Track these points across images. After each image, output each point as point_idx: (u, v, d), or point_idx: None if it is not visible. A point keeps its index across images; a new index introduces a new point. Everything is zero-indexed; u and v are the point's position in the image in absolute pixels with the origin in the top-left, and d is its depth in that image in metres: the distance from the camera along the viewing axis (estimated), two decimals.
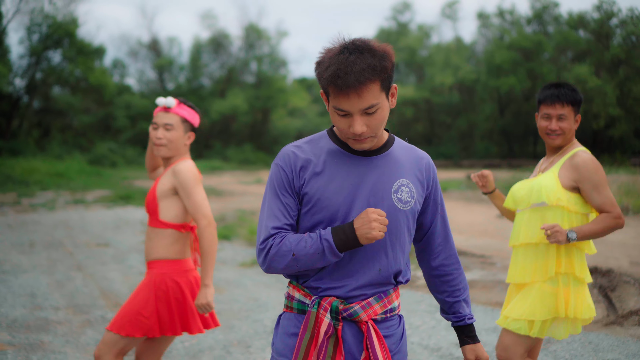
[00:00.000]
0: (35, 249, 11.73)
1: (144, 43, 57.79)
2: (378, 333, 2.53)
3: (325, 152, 2.56)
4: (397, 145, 2.66)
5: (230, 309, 7.66)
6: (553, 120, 3.94)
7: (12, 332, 6.65)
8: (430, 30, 58.61)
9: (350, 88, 2.35)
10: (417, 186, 2.60)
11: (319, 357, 2.48)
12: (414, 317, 7.21)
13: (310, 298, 2.55)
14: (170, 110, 4.00)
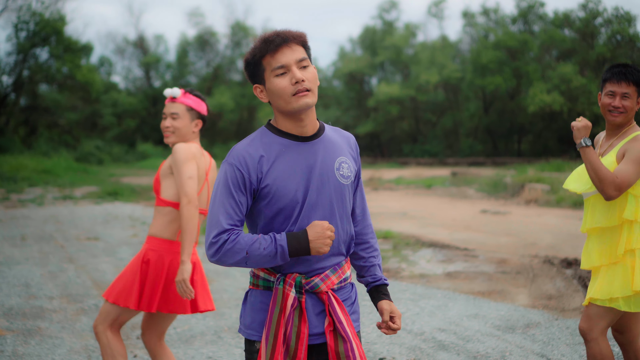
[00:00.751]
0: (27, 242, 11.91)
1: (130, 41, 57.93)
2: (338, 300, 2.81)
3: (272, 145, 2.78)
4: (328, 129, 2.92)
5: (220, 298, 7.88)
6: (617, 98, 4.01)
7: (9, 319, 6.86)
8: (416, 29, 58.87)
9: (282, 44, 2.71)
10: (351, 161, 2.89)
11: (286, 328, 2.73)
12: (399, 305, 7.46)
13: (275, 276, 2.78)
14: (176, 100, 4.23)
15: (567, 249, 11.04)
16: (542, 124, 50.58)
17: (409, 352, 5.80)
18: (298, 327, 2.74)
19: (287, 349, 2.74)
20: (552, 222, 14.74)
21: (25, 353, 5.76)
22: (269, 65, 2.73)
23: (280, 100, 2.74)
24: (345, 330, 2.77)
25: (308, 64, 2.76)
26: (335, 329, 2.78)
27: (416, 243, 11.74)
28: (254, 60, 2.77)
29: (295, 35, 2.75)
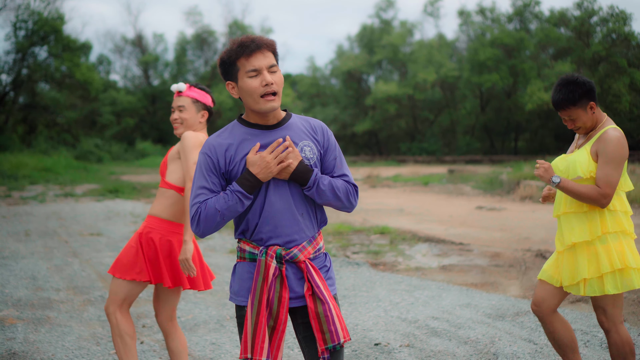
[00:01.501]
0: (31, 237, 12.17)
1: (129, 39, 58.14)
2: (315, 267, 3.22)
3: (239, 135, 3.22)
4: (294, 118, 3.33)
5: (222, 290, 8.15)
6: (569, 122, 4.33)
7: (18, 309, 7.13)
8: (413, 28, 59.09)
9: (256, 49, 3.12)
10: (315, 145, 3.26)
11: (269, 294, 3.13)
12: (394, 295, 7.74)
13: (258, 249, 3.19)
14: (182, 94, 4.52)
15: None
16: (538, 122, 50.87)
17: (403, 338, 6.08)
18: (280, 293, 3.14)
19: (270, 311, 3.14)
20: (546, 218, 15.00)
21: (37, 340, 6.03)
22: (243, 66, 3.14)
23: (250, 99, 3.16)
24: (322, 294, 3.17)
25: (277, 69, 3.18)
26: (314, 292, 3.17)
27: (412, 238, 12.01)
28: (230, 61, 3.17)
29: (267, 43, 3.16)
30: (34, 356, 5.58)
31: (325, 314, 3.16)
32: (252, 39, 3.14)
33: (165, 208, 4.43)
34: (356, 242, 11.72)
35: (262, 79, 3.11)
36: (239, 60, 3.14)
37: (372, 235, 12.53)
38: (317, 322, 3.16)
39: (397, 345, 5.86)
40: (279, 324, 3.15)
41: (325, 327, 3.15)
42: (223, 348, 5.86)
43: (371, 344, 5.93)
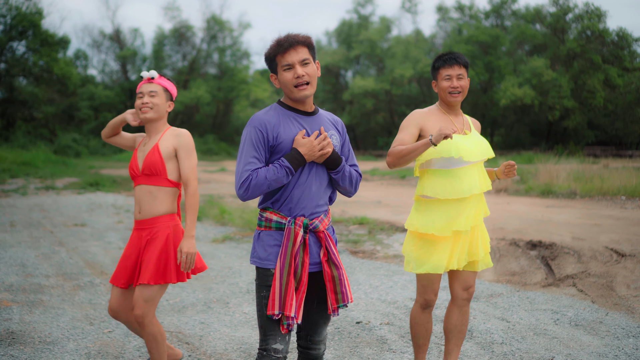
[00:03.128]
0: (17, 228, 12.36)
1: (107, 34, 57.98)
2: (330, 237, 3.75)
3: (284, 115, 3.70)
4: (322, 111, 3.87)
5: (207, 275, 8.43)
6: (454, 80, 4.52)
7: (11, 293, 7.38)
8: (391, 24, 59.48)
9: (289, 47, 3.61)
10: (338, 135, 3.82)
11: (295, 258, 3.59)
12: (374, 280, 8.07)
13: (286, 219, 3.65)
14: (153, 80, 4.66)
15: (533, 232, 11.66)
16: (513, 117, 51.47)
17: (382, 317, 6.41)
18: (302, 258, 3.62)
19: (295, 274, 3.60)
20: (520, 209, 15.38)
21: (32, 321, 6.29)
22: (280, 62, 3.65)
23: (286, 89, 3.68)
24: (337, 260, 3.73)
25: (310, 62, 3.65)
26: (329, 259, 3.71)
27: (390, 228, 12.32)
28: (270, 57, 3.68)
29: (300, 40, 3.64)
30: (32, 335, 5.84)
31: (340, 277, 3.71)
32: (287, 37, 3.64)
33: (170, 204, 4.58)
34: (336, 232, 11.99)
35: (294, 72, 3.61)
36: (276, 57, 3.64)
37: (351, 225, 12.83)
38: (333, 284, 3.70)
39: (377, 323, 6.19)
40: (301, 285, 3.61)
41: (338, 289, 3.70)
42: (212, 327, 6.14)
43: (353, 322, 6.25)
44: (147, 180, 4.57)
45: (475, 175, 4.52)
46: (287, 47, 3.61)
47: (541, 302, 7.02)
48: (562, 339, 5.75)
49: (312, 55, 3.69)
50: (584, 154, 37.24)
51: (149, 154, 4.55)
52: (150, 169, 4.54)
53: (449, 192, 4.43)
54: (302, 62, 3.62)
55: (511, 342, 5.63)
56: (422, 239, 4.47)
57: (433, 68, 4.63)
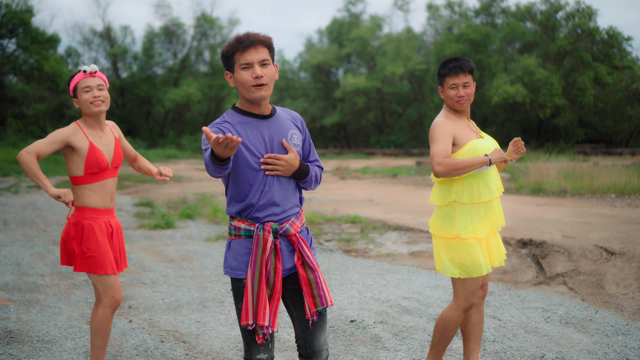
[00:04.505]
0: (10, 227, 12.40)
1: (97, 32, 57.88)
2: (303, 240, 3.62)
3: (238, 123, 3.55)
4: (279, 110, 3.72)
5: (202, 274, 8.50)
6: (460, 89, 4.57)
7: (7, 292, 7.43)
8: (382, 21, 59.52)
9: (250, 45, 3.48)
10: (299, 133, 3.70)
11: (267, 265, 3.49)
12: (367, 278, 8.15)
13: (254, 226, 3.53)
14: (96, 74, 4.67)
15: (524, 231, 11.77)
16: (505, 115, 51.60)
17: (376, 315, 6.49)
18: (275, 264, 3.51)
19: (267, 282, 3.51)
20: (511, 208, 15.49)
21: (29, 320, 6.35)
22: (238, 60, 3.51)
23: (243, 89, 3.54)
24: (312, 263, 3.60)
25: (269, 63, 3.53)
26: (304, 262, 3.59)
27: (382, 226, 12.41)
28: (228, 54, 3.54)
29: (261, 39, 3.51)
30: (30, 334, 5.91)
31: (316, 280, 3.58)
32: (247, 35, 3.50)
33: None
34: (328, 231, 12.09)
35: (253, 72, 3.47)
36: (235, 54, 3.51)
37: (344, 224, 12.91)
38: (309, 287, 3.57)
39: (371, 322, 6.28)
40: (275, 292, 3.51)
41: (316, 292, 3.57)
42: (208, 325, 6.22)
43: (347, 320, 6.33)
44: (115, 172, 4.75)
45: (495, 176, 4.64)
46: (247, 46, 3.48)
47: (532, 300, 7.12)
48: (553, 336, 5.84)
49: (271, 56, 3.58)
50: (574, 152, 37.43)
51: (116, 147, 4.72)
52: (120, 162, 4.77)
53: (483, 194, 4.52)
54: (262, 63, 3.50)
55: (503, 340, 5.72)
56: (462, 244, 4.48)
57: (439, 75, 4.66)
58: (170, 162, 38.58)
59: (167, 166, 4.88)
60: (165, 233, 11.93)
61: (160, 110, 55.92)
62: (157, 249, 10.40)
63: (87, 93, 4.58)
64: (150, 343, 5.66)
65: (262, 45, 3.52)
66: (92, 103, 4.57)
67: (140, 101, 56.37)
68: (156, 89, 55.17)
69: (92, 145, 4.57)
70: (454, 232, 4.48)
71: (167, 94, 52.75)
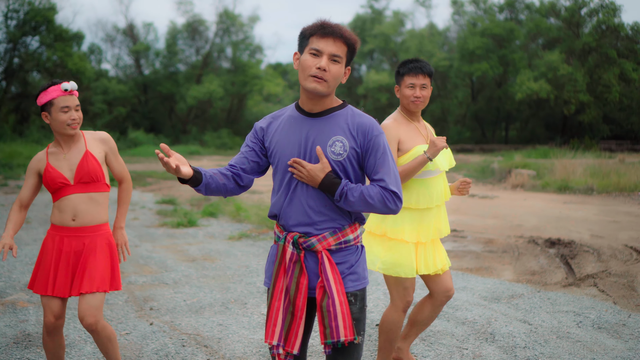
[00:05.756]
0: (32, 225, 12.35)
1: (120, 29, 58.04)
2: (330, 260, 3.17)
3: (287, 116, 3.29)
4: (345, 111, 3.26)
5: (224, 275, 8.37)
6: (417, 89, 4.52)
7: (27, 293, 7.33)
8: (405, 17, 59.27)
9: (331, 34, 3.11)
10: (348, 142, 3.17)
11: (287, 279, 3.18)
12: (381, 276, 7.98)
13: (283, 233, 3.25)
14: (74, 92, 4.38)
15: (551, 230, 11.57)
16: (529, 112, 51.22)
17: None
18: (297, 279, 3.17)
19: (288, 297, 3.18)
20: (538, 206, 15.27)
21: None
22: (311, 43, 3.14)
23: (301, 74, 3.17)
24: (330, 287, 3.13)
25: (340, 62, 3.14)
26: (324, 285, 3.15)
27: None
28: (305, 34, 3.18)
29: (345, 35, 3.14)
30: None
31: (328, 308, 3.12)
32: (335, 25, 3.15)
33: (106, 210, 4.51)
34: None
35: (319, 61, 3.10)
36: (312, 36, 3.15)
37: None
38: (321, 315, 3.14)
39: None
40: (296, 311, 3.16)
41: (326, 322, 3.13)
42: (230, 329, 6.08)
43: (372, 324, 6.17)
44: (84, 188, 4.35)
45: (441, 184, 4.59)
46: (328, 34, 3.11)
47: (563, 303, 6.93)
48: (586, 342, 5.65)
49: (347, 57, 3.19)
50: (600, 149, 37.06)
51: (82, 162, 4.34)
52: (90, 176, 4.35)
53: (422, 201, 4.49)
54: (332, 57, 3.11)
55: (534, 346, 5.54)
56: (390, 242, 4.48)
57: (398, 73, 4.63)
58: (193, 158, 38.56)
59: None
60: (187, 231, 11.82)
61: (183, 107, 55.92)
62: (179, 247, 10.29)
63: (64, 113, 4.28)
64: (171, 347, 5.53)
65: (342, 41, 3.14)
66: (69, 125, 4.29)
67: (163, 98, 56.44)
68: (179, 85, 55.20)
69: (47, 164, 4.34)
70: (382, 230, 4.49)
71: (190, 90, 52.76)
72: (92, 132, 4.49)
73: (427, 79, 4.56)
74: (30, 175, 4.41)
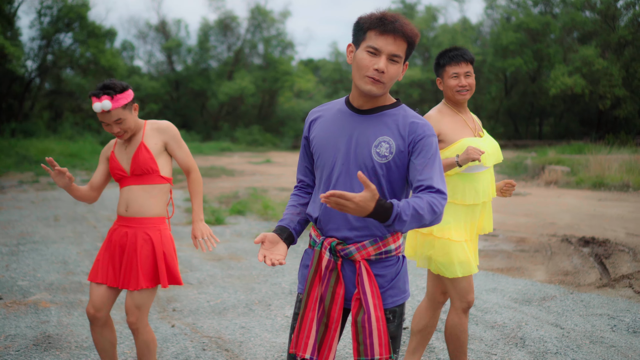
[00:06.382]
0: (60, 222, 12.32)
1: (152, 25, 58.29)
2: (369, 271, 2.93)
3: (335, 111, 3.07)
4: (399, 110, 3.00)
5: (249, 274, 8.24)
6: (461, 78, 4.31)
7: (51, 292, 7.26)
8: (437, 12, 58.87)
9: (392, 32, 2.82)
10: (396, 144, 2.90)
11: (322, 287, 2.97)
12: (421, 280, 7.80)
13: (320, 238, 3.01)
14: (111, 110, 4.24)
15: (585, 228, 11.31)
16: (563, 107, 50.58)
17: None
18: (334, 288, 2.94)
19: (323, 307, 2.96)
20: (571, 203, 14.98)
21: (70, 323, 6.15)
22: (369, 39, 2.85)
23: (356, 72, 2.91)
24: (367, 301, 2.90)
25: (399, 61, 2.87)
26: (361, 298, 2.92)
27: None
28: (362, 27, 2.89)
29: (407, 33, 2.85)
30: (68, 339, 5.70)
31: (363, 324, 2.91)
32: (396, 19, 2.85)
33: (164, 204, 4.40)
34: None
35: (376, 62, 2.84)
36: (370, 30, 2.86)
37: None
38: (355, 330, 2.94)
39: None
40: (331, 322, 2.97)
41: (360, 338, 2.92)
42: (252, 332, 5.94)
43: None
44: (138, 180, 4.33)
45: (488, 180, 4.37)
46: (388, 31, 2.81)
47: (596, 305, 6.71)
48: (620, 347, 5.44)
49: (406, 54, 2.92)
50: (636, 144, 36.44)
51: (135, 153, 4.32)
52: (142, 169, 4.31)
53: (468, 196, 4.28)
54: (392, 57, 2.84)
55: (566, 352, 5.33)
56: (439, 241, 4.27)
57: (437, 65, 4.40)
58: (224, 154, 38.58)
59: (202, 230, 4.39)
60: (215, 229, 11.71)
61: (215, 104, 56.00)
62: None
63: (107, 126, 4.28)
64: (191, 351, 5.40)
65: (402, 39, 2.85)
66: (116, 135, 4.31)
67: (194, 94, 56.56)
68: (210, 82, 55.29)
69: (112, 153, 4.40)
70: (427, 228, 4.26)
71: (221, 87, 52.81)
72: (153, 122, 4.42)
73: (470, 66, 4.36)
74: (101, 161, 4.51)
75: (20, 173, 23.34)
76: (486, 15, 57.35)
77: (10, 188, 18.59)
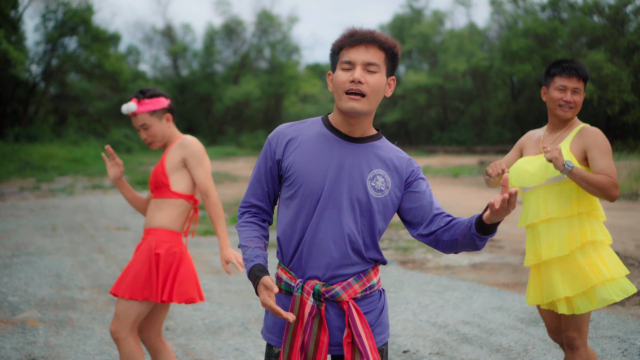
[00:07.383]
0: (58, 232, 12.11)
1: (158, 29, 58.21)
2: (359, 311, 2.71)
3: (315, 133, 2.78)
4: (382, 142, 2.85)
5: (247, 289, 8.00)
6: (568, 93, 4.01)
7: (41, 309, 7.03)
8: (444, 17, 58.64)
9: (361, 42, 2.68)
10: (391, 179, 2.76)
11: (304, 336, 2.68)
12: (423, 297, 7.54)
13: (295, 281, 2.72)
14: (137, 112, 4.21)
15: None
16: None
17: (432, 345, 5.87)
18: (317, 336, 2.69)
19: (305, 357, 2.71)
20: None
21: (57, 344, 5.91)
22: (342, 56, 2.71)
23: (335, 93, 2.73)
24: (363, 344, 2.69)
25: (377, 70, 2.70)
26: (354, 341, 2.70)
27: None
28: (334, 49, 2.76)
29: (378, 39, 2.70)
30: None
31: None
32: (364, 31, 2.70)
33: (175, 219, 4.22)
34: (384, 238, 11.53)
35: (351, 74, 2.66)
36: (342, 49, 2.72)
37: (401, 230, 12.33)
38: None
39: (426, 353, 5.66)
40: None
41: None
42: (247, 354, 5.70)
43: (399, 351, 5.73)
44: (155, 193, 4.28)
45: (541, 199, 3.98)
46: (357, 42, 2.66)
47: (606, 325, 6.43)
48: None
49: (387, 65, 2.73)
50: None
51: (155, 166, 4.26)
52: (155, 182, 4.24)
53: (522, 217, 4.10)
54: (367, 66, 2.66)
55: None
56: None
57: (547, 74, 4.12)
58: (229, 159, 38.35)
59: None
60: (214, 240, 11.47)
61: (220, 108, 55.84)
62: (204, 258, 9.95)
63: (138, 132, 4.27)
64: None
65: (376, 46, 2.68)
66: (145, 142, 4.29)
67: (200, 99, 56.43)
68: (216, 86, 55.16)
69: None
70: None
71: (227, 91, 52.68)
72: (184, 137, 4.31)
73: (581, 83, 4.04)
74: None
75: (22, 179, 23.18)
76: (492, 20, 57.15)
77: (10, 195, 18.41)
